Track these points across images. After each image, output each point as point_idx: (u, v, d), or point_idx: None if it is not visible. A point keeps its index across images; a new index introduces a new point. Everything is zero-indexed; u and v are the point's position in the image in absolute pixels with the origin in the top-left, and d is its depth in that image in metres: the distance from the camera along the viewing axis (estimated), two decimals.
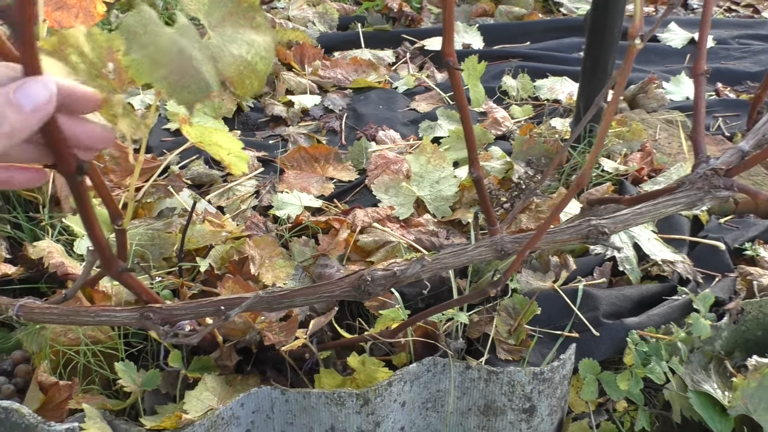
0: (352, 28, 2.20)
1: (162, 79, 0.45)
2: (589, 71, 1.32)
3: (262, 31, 0.60)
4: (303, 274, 1.07)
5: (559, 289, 0.94)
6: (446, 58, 0.70)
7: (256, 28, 0.60)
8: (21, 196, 1.17)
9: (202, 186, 1.38)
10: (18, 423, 0.67)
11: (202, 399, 0.84)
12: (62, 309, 0.77)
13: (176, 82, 0.46)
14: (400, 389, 0.81)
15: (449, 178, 1.30)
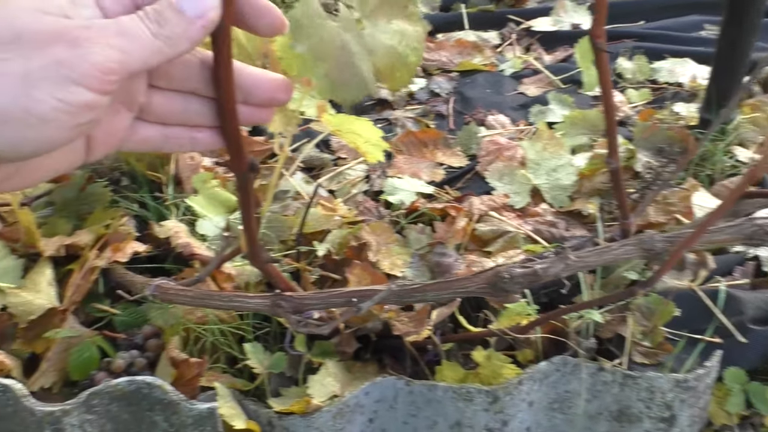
0: (454, 9, 2.15)
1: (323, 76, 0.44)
2: (726, 53, 1.22)
3: (413, 20, 0.58)
4: (420, 262, 1.06)
5: (698, 290, 0.88)
6: (596, 40, 0.65)
7: (409, 17, 0.58)
8: (146, 175, 1.22)
9: (313, 169, 1.39)
10: (160, 399, 0.69)
11: (325, 384, 0.85)
12: (196, 292, 0.79)
13: (337, 78, 0.45)
14: (529, 388, 0.78)
15: (567, 166, 1.24)
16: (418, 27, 0.58)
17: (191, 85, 0.41)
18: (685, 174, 1.22)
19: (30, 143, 0.34)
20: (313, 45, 0.43)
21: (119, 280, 0.98)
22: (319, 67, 0.43)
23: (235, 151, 0.42)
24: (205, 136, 0.42)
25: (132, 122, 0.41)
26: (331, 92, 0.45)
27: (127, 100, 0.39)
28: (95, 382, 0.85)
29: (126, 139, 0.41)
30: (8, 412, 0.74)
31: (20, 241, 1.06)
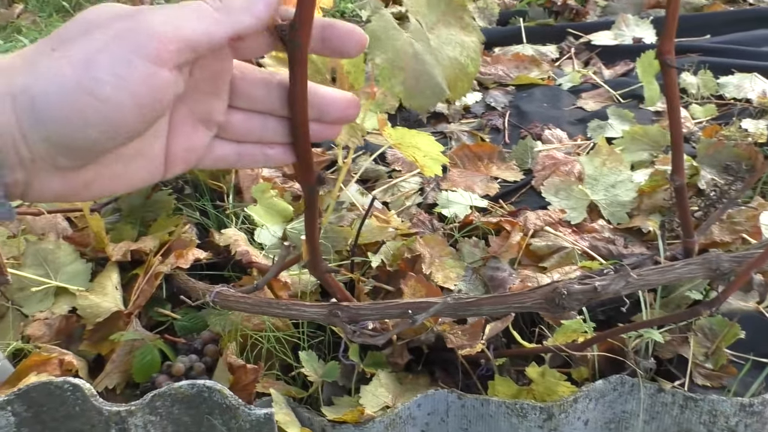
0: (512, 23, 2.14)
1: (400, 84, 0.45)
2: None
3: (469, 31, 0.59)
4: (473, 276, 1.05)
5: (766, 312, 0.85)
6: (664, 56, 0.64)
7: (465, 28, 0.59)
8: (207, 185, 1.26)
9: (368, 181, 1.41)
10: (219, 403, 0.71)
11: (377, 395, 0.85)
12: (255, 299, 0.81)
13: (412, 87, 0.46)
14: (585, 406, 0.77)
15: (626, 182, 1.22)
16: (474, 37, 0.59)
17: (270, 105, 0.42)
18: (752, 192, 1.18)
19: (97, 128, 0.34)
20: (389, 56, 0.44)
21: (181, 285, 1.01)
22: (396, 76, 0.44)
23: (305, 166, 0.44)
24: (277, 152, 0.44)
25: (210, 140, 0.42)
26: (408, 99, 0.46)
27: (206, 119, 0.41)
28: (156, 384, 0.88)
29: (203, 156, 0.42)
30: (76, 411, 0.77)
31: (89, 246, 1.11)
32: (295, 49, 0.37)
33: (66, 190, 0.38)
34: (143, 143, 0.39)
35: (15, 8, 2.81)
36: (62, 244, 1.08)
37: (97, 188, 0.39)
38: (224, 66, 0.40)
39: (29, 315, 1.00)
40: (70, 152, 0.35)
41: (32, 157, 0.35)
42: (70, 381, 0.75)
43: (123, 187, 0.41)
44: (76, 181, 0.38)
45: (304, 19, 0.37)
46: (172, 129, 0.41)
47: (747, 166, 1.14)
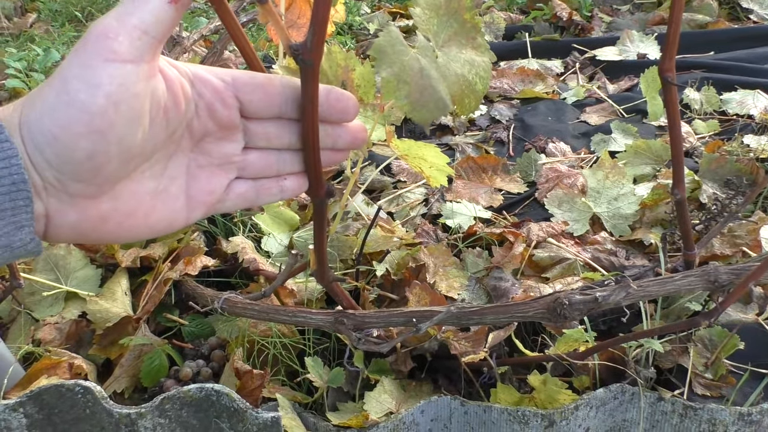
0: (518, 38, 2.17)
1: (405, 97, 0.46)
2: None
3: (481, 51, 0.61)
4: (476, 285, 1.07)
5: (765, 324, 0.86)
6: (665, 74, 0.66)
7: (477, 48, 0.61)
8: None
9: (374, 191, 1.43)
10: (227, 406, 0.73)
11: (381, 401, 0.87)
12: (263, 306, 0.83)
13: (417, 100, 0.47)
14: (585, 414, 0.78)
15: (629, 196, 1.23)
16: (485, 57, 0.61)
17: (284, 140, 0.44)
18: (753, 207, 1.20)
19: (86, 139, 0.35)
20: (395, 70, 0.46)
21: (189, 292, 1.03)
22: (401, 90, 0.46)
23: (315, 179, 0.45)
24: (291, 182, 0.45)
25: (229, 182, 0.43)
26: (411, 112, 0.47)
27: (223, 163, 0.42)
28: (164, 389, 0.90)
29: (224, 198, 0.43)
30: (86, 413, 0.79)
31: (99, 252, 1.13)
32: (308, 69, 0.39)
33: (82, 224, 0.38)
34: (158, 182, 0.40)
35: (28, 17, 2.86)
36: (73, 250, 1.10)
37: (114, 225, 0.40)
38: (231, 113, 0.41)
39: (40, 319, 1.02)
40: (74, 173, 0.36)
41: (44, 184, 0.36)
42: (82, 384, 0.77)
43: (143, 228, 0.41)
44: (92, 212, 0.38)
45: (318, 40, 0.39)
46: (190, 174, 0.42)
47: (748, 180, 1.16)
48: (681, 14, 0.62)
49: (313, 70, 0.38)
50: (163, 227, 0.42)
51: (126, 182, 0.39)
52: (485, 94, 1.77)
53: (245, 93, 0.41)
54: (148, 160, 0.39)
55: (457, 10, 0.58)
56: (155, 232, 0.42)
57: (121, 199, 0.39)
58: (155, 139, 0.38)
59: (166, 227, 0.42)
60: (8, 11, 2.87)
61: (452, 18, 0.58)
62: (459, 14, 0.58)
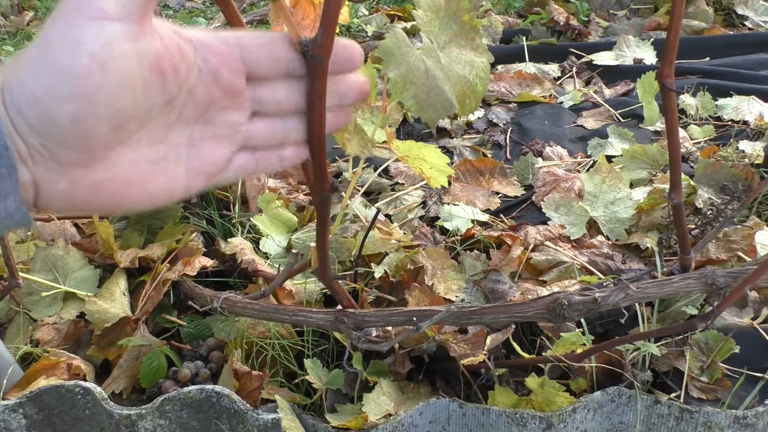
0: (515, 42, 2.18)
1: (412, 98, 0.47)
2: None
3: (480, 52, 0.62)
4: (474, 288, 1.07)
5: (760, 328, 0.87)
6: (664, 80, 0.67)
7: (476, 49, 0.61)
8: (214, 194, 1.28)
9: (372, 194, 1.43)
10: (227, 408, 0.73)
11: (379, 402, 0.87)
12: (263, 305, 0.83)
13: (424, 101, 0.48)
14: (583, 417, 0.79)
15: (625, 200, 1.24)
16: (483, 58, 0.61)
17: (293, 102, 0.42)
18: (748, 212, 1.21)
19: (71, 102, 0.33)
20: (402, 71, 0.46)
21: (188, 292, 1.03)
22: (408, 90, 0.47)
23: (320, 174, 0.46)
24: (290, 152, 0.44)
25: (232, 154, 0.42)
26: (418, 112, 0.48)
27: (228, 133, 0.41)
28: (162, 390, 0.90)
29: (224, 168, 0.42)
30: (86, 414, 0.79)
31: (98, 252, 1.13)
32: (317, 65, 0.40)
33: (75, 193, 0.37)
34: (157, 151, 0.39)
35: (25, 15, 2.85)
36: (71, 250, 1.10)
37: (111, 194, 0.38)
38: (236, 79, 0.40)
39: (38, 319, 1.02)
40: (60, 138, 0.35)
41: (29, 151, 0.35)
42: (81, 384, 0.77)
43: (141, 197, 0.39)
44: (84, 181, 0.37)
45: (327, 36, 0.39)
46: (192, 144, 0.40)
47: (743, 186, 1.17)
48: (680, 21, 0.63)
49: (323, 66, 0.39)
50: (163, 197, 0.40)
51: (122, 149, 0.37)
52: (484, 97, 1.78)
53: (251, 53, 0.39)
54: (145, 127, 0.38)
55: (456, 11, 0.59)
56: (154, 202, 0.40)
57: (117, 168, 0.37)
58: (150, 104, 0.37)
59: (166, 197, 0.40)
60: (5, 9, 2.87)
61: (452, 20, 0.58)
62: (458, 16, 0.59)
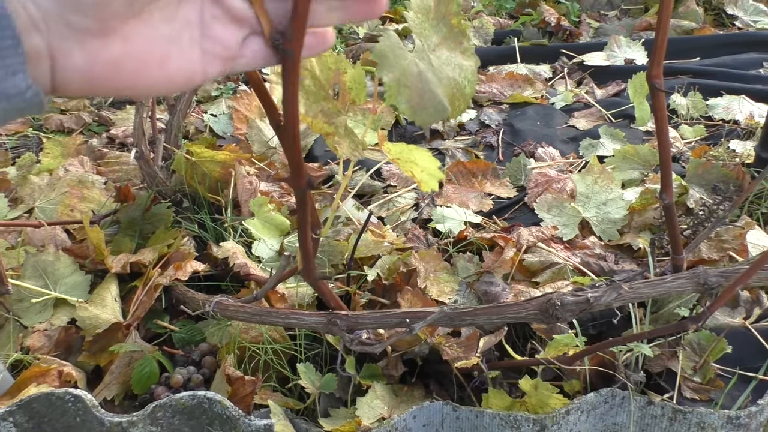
0: (507, 43, 2.18)
1: (406, 102, 0.47)
2: None
3: (468, 55, 0.61)
4: (467, 290, 1.07)
5: (752, 328, 0.87)
6: (653, 80, 0.67)
7: (464, 52, 0.61)
8: (206, 198, 1.27)
9: (364, 196, 1.43)
10: (219, 414, 0.72)
11: (373, 406, 0.87)
12: (255, 309, 0.83)
13: (417, 104, 0.48)
14: (576, 418, 0.79)
15: (617, 200, 1.24)
16: (471, 62, 0.61)
17: None
18: (740, 212, 1.21)
19: None
20: (396, 75, 0.46)
21: (180, 297, 1.03)
22: (402, 93, 0.47)
23: (296, 169, 0.46)
24: (309, 39, 0.42)
25: (243, 38, 0.41)
26: (412, 116, 0.48)
27: (238, 17, 0.40)
28: (155, 396, 0.89)
29: (239, 55, 0.41)
30: (77, 422, 0.78)
31: (88, 258, 1.12)
32: (288, 59, 0.39)
33: (93, 69, 0.36)
34: (171, 27, 0.38)
35: None
36: (61, 256, 1.09)
37: (129, 73, 0.37)
38: None
39: (29, 326, 1.01)
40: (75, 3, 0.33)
41: (42, 16, 0.33)
42: (72, 392, 0.76)
43: (160, 78, 0.38)
44: (102, 56, 0.36)
45: (297, 29, 0.39)
46: (203, 24, 0.40)
47: (734, 186, 1.17)
48: (668, 21, 0.63)
49: (294, 60, 0.39)
50: (182, 80, 0.39)
51: (136, 23, 0.36)
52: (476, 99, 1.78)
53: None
54: (157, 1, 0.37)
55: (445, 14, 0.58)
56: (174, 85, 0.39)
57: (132, 42, 0.37)
58: None
59: (185, 80, 0.39)
60: None
61: (441, 22, 0.58)
62: (447, 19, 0.59)
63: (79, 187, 1.32)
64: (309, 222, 0.60)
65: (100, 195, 1.32)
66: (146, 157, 1.24)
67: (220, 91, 1.92)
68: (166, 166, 1.32)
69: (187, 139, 1.68)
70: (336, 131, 0.56)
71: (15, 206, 1.34)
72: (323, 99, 0.56)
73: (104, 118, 1.82)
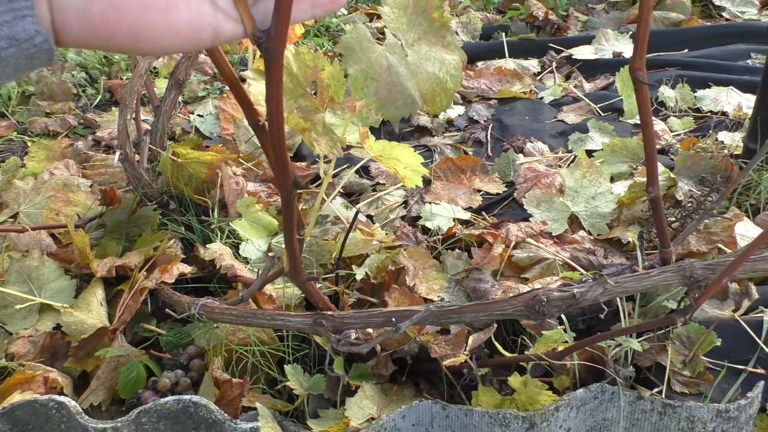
0: (495, 38, 2.18)
1: (373, 94, 0.46)
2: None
3: (451, 49, 0.61)
4: (456, 287, 1.07)
5: (741, 320, 0.86)
6: (636, 73, 0.66)
7: (447, 46, 0.60)
8: (192, 199, 1.26)
9: (353, 195, 1.42)
10: (205, 418, 0.71)
11: (362, 407, 0.86)
12: (240, 311, 0.82)
13: (385, 97, 0.47)
14: (566, 415, 0.78)
15: (606, 194, 1.24)
16: (455, 56, 0.60)
17: None
18: (728, 203, 1.21)
19: None
20: (363, 67, 0.45)
21: (166, 300, 1.02)
22: (369, 86, 0.46)
23: (281, 169, 0.45)
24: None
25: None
26: (380, 109, 0.47)
27: None
28: (142, 400, 0.88)
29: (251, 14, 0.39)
30: (62, 429, 0.77)
31: (74, 262, 1.11)
32: (271, 57, 0.39)
33: (92, 7, 0.34)
34: None
35: None
36: (46, 261, 1.08)
37: (132, 17, 0.35)
38: None
39: (13, 332, 1.00)
40: None
41: None
42: (56, 399, 0.75)
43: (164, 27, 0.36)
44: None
45: (280, 29, 0.38)
46: None
47: (722, 177, 1.17)
48: (650, 14, 0.63)
49: (277, 58, 0.38)
50: (189, 33, 0.37)
51: None
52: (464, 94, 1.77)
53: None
54: None
55: (426, 8, 0.58)
56: (181, 39, 0.37)
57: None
58: None
59: (193, 36, 0.37)
60: None
61: (421, 17, 0.57)
62: (428, 13, 0.58)
63: (64, 190, 1.30)
64: (295, 223, 0.59)
65: (86, 198, 1.30)
66: (131, 159, 1.23)
67: (207, 91, 1.91)
68: (151, 168, 1.31)
69: (174, 140, 1.66)
70: (313, 128, 0.55)
71: (0, 211, 1.33)
72: (301, 96, 0.55)
73: (90, 121, 1.80)
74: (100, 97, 1.99)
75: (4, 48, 0.32)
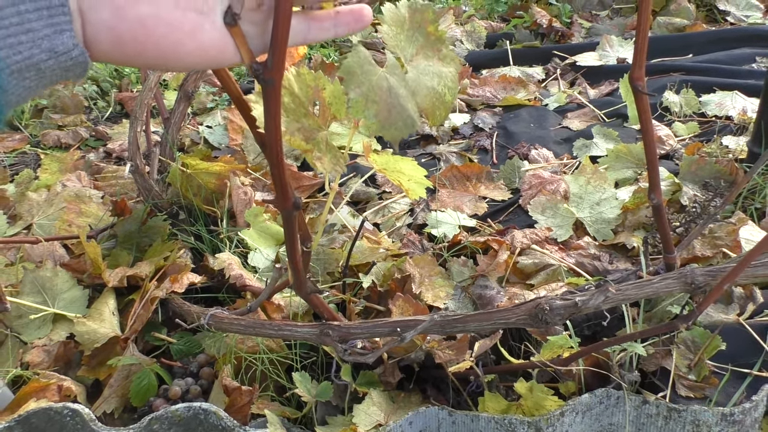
0: (499, 46, 2.19)
1: (374, 117, 0.47)
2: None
3: (447, 62, 0.62)
4: (462, 294, 1.08)
5: (746, 324, 0.87)
6: (635, 82, 0.67)
7: (443, 59, 0.62)
8: (202, 209, 1.28)
9: (359, 203, 1.43)
10: (215, 425, 0.73)
11: (369, 413, 0.87)
12: (249, 321, 0.83)
13: (385, 119, 0.48)
14: (571, 420, 0.79)
15: (611, 200, 1.25)
16: (451, 68, 0.62)
17: None
18: (733, 207, 1.21)
19: None
20: (364, 90, 0.47)
21: (176, 309, 1.03)
22: (370, 109, 0.47)
23: (282, 191, 0.46)
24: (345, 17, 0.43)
25: None
26: (380, 131, 0.48)
27: None
28: (153, 408, 0.90)
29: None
30: None
31: (86, 273, 1.13)
32: (269, 87, 0.40)
33: (120, 25, 0.36)
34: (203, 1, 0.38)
35: None
36: (59, 271, 1.10)
37: (160, 36, 0.37)
38: None
39: (28, 342, 1.02)
40: None
41: None
42: (70, 406, 0.77)
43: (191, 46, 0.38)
44: (128, 13, 0.36)
45: (277, 60, 0.39)
46: None
47: (727, 182, 1.17)
48: (648, 24, 0.64)
49: (275, 88, 0.39)
50: (215, 53, 0.39)
51: None
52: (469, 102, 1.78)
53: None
54: None
55: (421, 24, 0.59)
56: (207, 57, 0.39)
57: (159, 5, 0.37)
58: None
59: (218, 53, 0.39)
60: None
61: (417, 32, 0.59)
62: (423, 28, 0.59)
63: (76, 202, 1.32)
64: (297, 240, 0.60)
65: (98, 209, 1.33)
66: (141, 170, 1.25)
67: (216, 102, 1.93)
68: (161, 179, 1.33)
69: (183, 151, 1.69)
70: (316, 147, 0.56)
71: (14, 223, 1.35)
72: (303, 116, 0.56)
73: (101, 133, 1.83)
74: (110, 109, 2.02)
75: (44, 60, 0.34)
